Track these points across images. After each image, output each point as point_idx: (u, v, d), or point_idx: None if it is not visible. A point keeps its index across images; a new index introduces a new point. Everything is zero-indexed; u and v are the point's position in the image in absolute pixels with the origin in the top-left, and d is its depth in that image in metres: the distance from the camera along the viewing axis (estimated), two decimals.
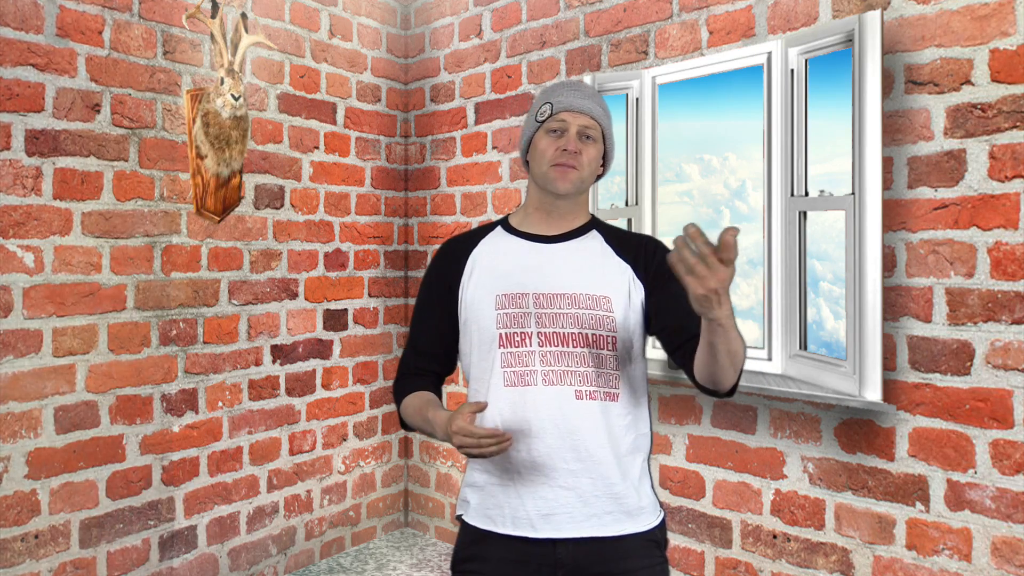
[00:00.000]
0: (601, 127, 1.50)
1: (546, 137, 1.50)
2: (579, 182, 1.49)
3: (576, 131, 1.48)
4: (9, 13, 2.58)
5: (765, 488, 2.70)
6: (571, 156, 1.47)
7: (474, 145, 3.74)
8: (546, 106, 1.52)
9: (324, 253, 3.65)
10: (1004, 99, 2.21)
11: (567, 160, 1.47)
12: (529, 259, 1.52)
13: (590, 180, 1.52)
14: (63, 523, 2.70)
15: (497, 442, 1.30)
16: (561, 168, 1.47)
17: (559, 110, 1.49)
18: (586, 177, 1.50)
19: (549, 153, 1.48)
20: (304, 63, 3.56)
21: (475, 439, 1.30)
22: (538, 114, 1.53)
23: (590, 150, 1.49)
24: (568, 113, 1.48)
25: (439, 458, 3.90)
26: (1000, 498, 2.22)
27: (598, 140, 1.50)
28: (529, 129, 1.55)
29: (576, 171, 1.48)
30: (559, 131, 1.49)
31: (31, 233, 2.63)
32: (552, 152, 1.48)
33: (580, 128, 1.48)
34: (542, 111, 1.52)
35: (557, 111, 1.49)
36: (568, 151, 1.46)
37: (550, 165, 1.48)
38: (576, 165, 1.47)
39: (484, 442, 1.30)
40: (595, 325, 1.45)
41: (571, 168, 1.47)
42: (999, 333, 2.22)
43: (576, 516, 1.42)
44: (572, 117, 1.48)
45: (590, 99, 1.50)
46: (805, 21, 2.62)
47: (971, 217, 2.27)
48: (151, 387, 2.97)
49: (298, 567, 3.52)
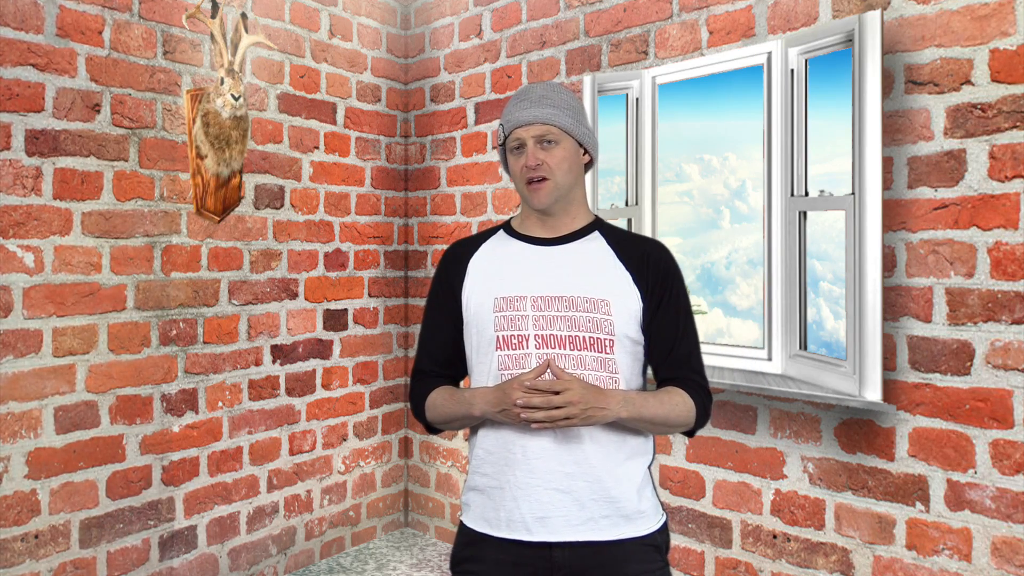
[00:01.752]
0: (558, 126, 1.49)
1: (511, 157, 1.53)
2: (555, 190, 1.49)
3: (533, 143, 1.48)
4: (9, 13, 2.58)
5: (765, 488, 2.70)
6: (534, 170, 1.47)
7: (474, 145, 3.74)
8: (500, 128, 1.55)
9: (324, 253, 3.65)
10: (1004, 99, 2.21)
11: (533, 175, 1.48)
12: (528, 262, 1.52)
13: (568, 180, 1.51)
14: (63, 523, 2.70)
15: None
16: (532, 185, 1.49)
17: (510, 130, 1.51)
18: (561, 181, 1.49)
19: (518, 173, 1.50)
20: (304, 63, 3.56)
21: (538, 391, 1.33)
22: (498, 138, 1.56)
23: (555, 153, 1.48)
24: (519, 129, 1.50)
25: (439, 458, 3.90)
26: (1000, 498, 2.22)
27: (561, 140, 1.49)
28: (500, 153, 1.58)
29: (548, 181, 1.48)
30: (519, 148, 1.50)
31: (31, 233, 2.63)
32: (519, 171, 1.50)
33: (536, 138, 1.48)
34: (499, 135, 1.55)
35: (509, 131, 1.51)
36: (529, 167, 1.47)
37: (523, 184, 1.50)
38: (545, 175, 1.48)
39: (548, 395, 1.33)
40: (593, 328, 1.44)
41: (542, 181, 1.48)
42: (999, 333, 2.22)
43: (572, 520, 1.41)
44: (524, 131, 1.49)
45: (537, 104, 1.49)
46: (805, 21, 2.62)
47: (971, 217, 2.27)
48: (151, 387, 2.97)
49: (298, 567, 3.52)
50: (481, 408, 1.43)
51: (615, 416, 1.36)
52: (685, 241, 2.95)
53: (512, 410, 1.35)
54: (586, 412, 1.32)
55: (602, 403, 1.34)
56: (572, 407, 1.30)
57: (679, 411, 1.44)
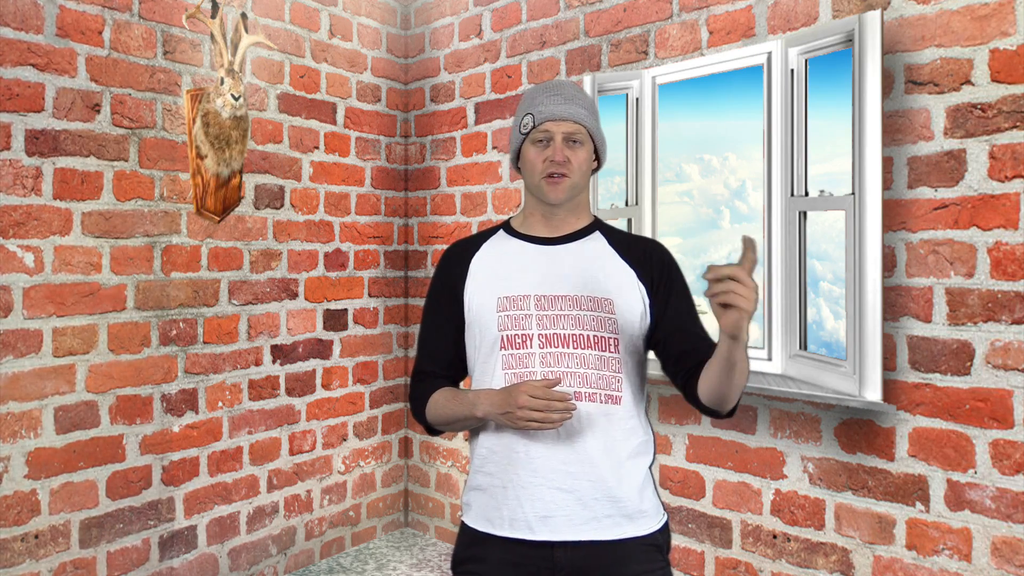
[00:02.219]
0: (586, 128, 1.49)
1: (533, 148, 1.49)
2: (572, 189, 1.49)
3: (561, 139, 1.47)
4: (9, 13, 2.58)
5: (765, 488, 2.70)
6: (560, 166, 1.46)
7: (474, 145, 3.74)
8: (527, 117, 1.50)
9: (324, 253, 3.65)
10: (1004, 99, 2.22)
11: (556, 170, 1.46)
12: (530, 261, 1.51)
13: (584, 182, 1.51)
14: (63, 523, 2.70)
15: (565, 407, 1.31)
16: (552, 179, 1.47)
17: (541, 120, 1.48)
18: (578, 182, 1.49)
19: (538, 165, 1.48)
20: (304, 63, 3.56)
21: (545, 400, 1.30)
22: (521, 126, 1.52)
23: (579, 154, 1.48)
24: (551, 123, 1.47)
25: (439, 458, 3.90)
26: (1000, 498, 2.22)
27: (585, 141, 1.49)
28: (515, 140, 1.54)
29: (568, 178, 1.47)
30: (545, 141, 1.48)
31: (31, 233, 2.63)
32: (541, 164, 1.48)
33: (565, 135, 1.47)
34: (524, 123, 1.51)
35: (540, 122, 1.48)
36: (556, 161, 1.46)
37: (541, 177, 1.48)
38: (567, 172, 1.47)
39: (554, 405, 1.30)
40: (596, 327, 1.44)
41: (562, 177, 1.47)
42: (999, 333, 2.22)
43: (575, 519, 1.41)
44: (555, 126, 1.47)
45: (570, 102, 1.48)
46: (805, 21, 2.62)
47: (971, 217, 2.28)
48: (151, 387, 2.97)
49: (298, 567, 3.52)
50: (484, 410, 1.42)
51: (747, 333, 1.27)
52: (685, 241, 2.95)
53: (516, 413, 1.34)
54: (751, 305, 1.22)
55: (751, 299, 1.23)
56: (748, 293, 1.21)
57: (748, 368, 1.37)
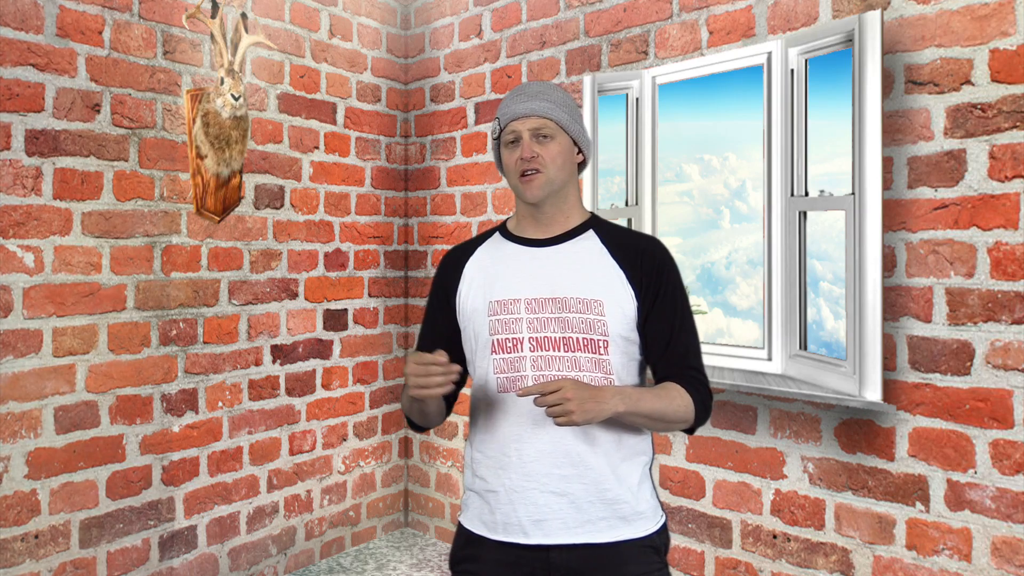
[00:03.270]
0: (555, 120, 1.48)
1: (506, 151, 1.52)
2: (547, 184, 1.48)
3: (528, 136, 1.48)
4: (9, 13, 2.58)
5: (765, 488, 2.70)
6: (530, 162, 1.47)
7: (474, 145, 3.74)
8: (495, 122, 1.54)
9: (324, 253, 3.65)
10: (1004, 99, 2.21)
11: (527, 167, 1.47)
12: (521, 264, 1.51)
13: (562, 176, 1.50)
14: (63, 523, 2.70)
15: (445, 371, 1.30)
16: (525, 177, 1.48)
17: (506, 122, 1.50)
18: (554, 176, 1.48)
19: (512, 166, 1.50)
20: (304, 63, 3.56)
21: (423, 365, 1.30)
22: (492, 132, 1.55)
23: (549, 148, 1.48)
24: (515, 122, 1.49)
25: (439, 458, 3.90)
26: (1000, 498, 2.22)
27: (556, 135, 1.49)
28: (494, 149, 1.58)
29: (541, 174, 1.47)
30: (515, 142, 1.50)
31: (31, 233, 2.63)
32: (514, 165, 1.49)
33: (532, 131, 1.48)
34: (494, 129, 1.54)
35: (505, 124, 1.50)
36: (524, 159, 1.46)
37: (516, 177, 1.49)
38: (539, 167, 1.47)
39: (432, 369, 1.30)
40: (586, 329, 1.44)
41: (535, 174, 1.47)
42: (999, 333, 2.22)
43: (569, 522, 1.41)
44: (520, 124, 1.48)
45: (534, 98, 1.49)
46: (805, 21, 2.62)
47: (971, 217, 2.27)
48: (151, 387, 2.97)
49: (298, 567, 3.52)
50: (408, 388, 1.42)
51: (612, 411, 1.32)
52: (685, 241, 2.95)
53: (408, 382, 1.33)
54: (584, 407, 1.28)
55: (597, 397, 1.31)
56: (568, 403, 1.27)
57: (677, 406, 1.41)
